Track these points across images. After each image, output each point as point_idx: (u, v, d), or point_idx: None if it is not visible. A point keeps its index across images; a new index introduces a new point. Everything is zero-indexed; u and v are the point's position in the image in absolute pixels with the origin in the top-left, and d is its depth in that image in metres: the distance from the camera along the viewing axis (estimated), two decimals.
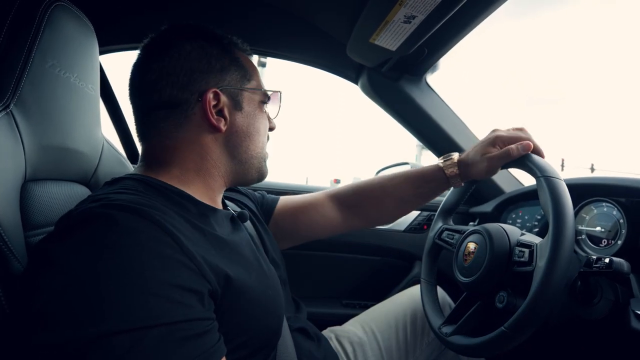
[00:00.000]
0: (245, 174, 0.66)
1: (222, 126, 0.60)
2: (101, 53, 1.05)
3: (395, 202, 0.89)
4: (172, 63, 0.58)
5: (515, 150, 0.72)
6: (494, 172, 0.79)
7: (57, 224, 0.46)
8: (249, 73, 0.64)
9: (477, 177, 0.81)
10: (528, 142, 0.72)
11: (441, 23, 0.74)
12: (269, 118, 0.69)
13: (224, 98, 0.60)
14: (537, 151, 0.73)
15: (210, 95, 0.58)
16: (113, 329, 0.37)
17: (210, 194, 0.62)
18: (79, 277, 0.39)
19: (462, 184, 0.86)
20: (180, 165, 0.59)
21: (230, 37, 0.64)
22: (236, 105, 0.62)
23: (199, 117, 0.59)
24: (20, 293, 0.40)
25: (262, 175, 0.68)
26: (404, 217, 1.35)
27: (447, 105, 1.18)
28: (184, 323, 0.40)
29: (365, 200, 0.91)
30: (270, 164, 0.70)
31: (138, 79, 0.60)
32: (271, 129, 0.71)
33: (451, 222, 0.90)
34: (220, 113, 0.60)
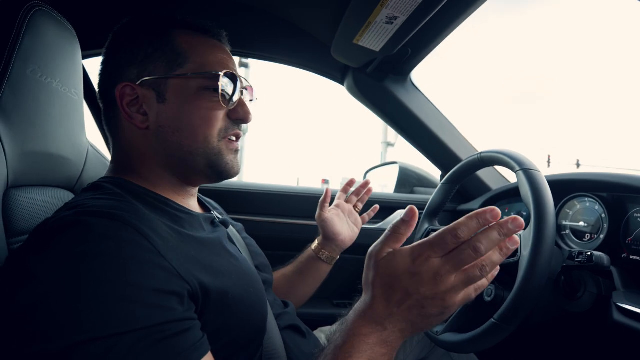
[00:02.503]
0: (195, 172, 0.59)
1: (140, 123, 0.56)
2: (85, 57, 1.04)
3: (301, 289, 0.93)
4: (107, 62, 0.58)
5: (322, 197, 0.87)
6: (327, 222, 0.87)
7: (34, 233, 0.45)
8: (184, 56, 0.56)
9: (325, 235, 0.89)
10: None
11: (423, 23, 0.75)
12: (233, 107, 0.59)
13: (143, 91, 0.55)
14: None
15: (125, 90, 0.55)
16: (89, 337, 0.36)
17: (179, 197, 0.61)
18: (54, 288, 0.38)
19: (334, 255, 0.92)
20: (134, 168, 0.58)
21: (168, 18, 0.59)
22: (159, 97, 0.56)
23: (122, 114, 0.56)
24: None
25: (218, 171, 0.59)
26: (392, 216, 1.35)
27: (432, 104, 1.20)
28: (162, 325, 0.40)
29: (280, 293, 0.91)
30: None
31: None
32: (238, 119, 0.60)
33: (437, 223, 0.91)
34: (141, 109, 0.56)
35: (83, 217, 0.43)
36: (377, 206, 0.98)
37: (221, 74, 0.56)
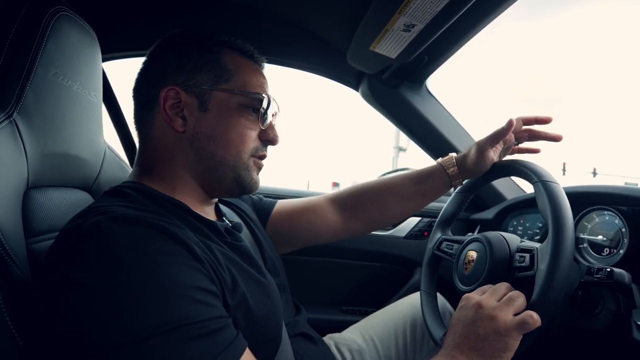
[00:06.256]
0: (220, 183, 0.61)
1: (179, 126, 0.58)
2: (104, 60, 1.06)
3: (396, 201, 0.87)
4: (151, 64, 0.61)
5: (505, 131, 0.75)
6: (487, 161, 0.78)
7: (66, 240, 0.46)
8: (230, 73, 0.60)
9: (471, 167, 0.80)
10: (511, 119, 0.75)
11: (440, 32, 0.75)
12: (265, 128, 0.63)
13: (186, 97, 0.58)
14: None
15: (169, 93, 0.58)
16: (151, 332, 0.39)
17: (197, 204, 0.61)
18: (105, 293, 0.40)
19: (462, 182, 0.85)
20: (159, 171, 0.60)
21: (217, 37, 0.62)
22: (202, 105, 0.59)
23: (162, 115, 0.58)
24: (48, 317, 0.42)
25: (242, 186, 0.62)
26: (404, 224, 1.34)
27: (447, 111, 1.19)
28: (210, 320, 0.43)
29: (365, 200, 0.88)
30: (263, 168, 0.66)
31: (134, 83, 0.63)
32: (267, 140, 0.64)
33: (450, 233, 0.89)
34: (181, 113, 0.58)
35: (118, 224, 0.45)
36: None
37: (264, 97, 0.61)
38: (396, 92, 1.11)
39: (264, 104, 0.61)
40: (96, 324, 0.39)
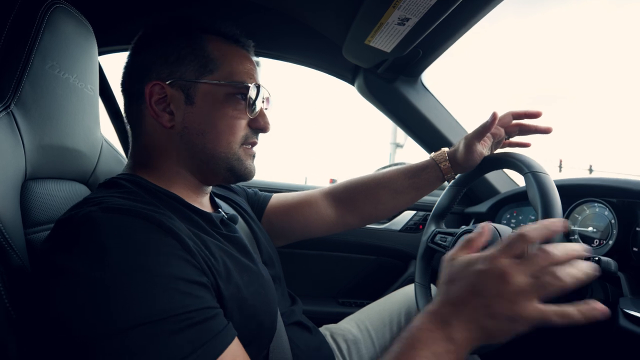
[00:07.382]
0: (215, 174, 0.61)
1: (166, 122, 0.57)
2: (100, 54, 1.06)
3: (389, 194, 0.87)
4: (135, 58, 0.60)
5: (489, 124, 0.74)
6: (475, 155, 0.79)
7: (59, 229, 0.46)
8: (214, 63, 0.58)
9: (461, 162, 0.80)
10: (495, 112, 0.74)
11: (434, 25, 0.75)
12: (255, 116, 0.61)
13: (172, 91, 0.57)
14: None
15: (154, 89, 0.56)
16: (133, 323, 0.39)
17: (192, 196, 0.62)
18: (91, 281, 0.40)
19: (455, 177, 0.86)
20: (153, 164, 0.60)
21: (199, 23, 0.60)
22: (188, 99, 0.57)
23: (149, 111, 0.58)
24: (36, 302, 0.42)
25: (237, 175, 0.62)
26: (399, 217, 1.36)
27: (442, 105, 1.20)
28: (197, 311, 0.42)
29: (359, 195, 0.89)
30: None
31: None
32: (258, 128, 0.63)
33: (443, 226, 0.91)
34: (168, 108, 0.57)
35: (109, 214, 0.45)
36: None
37: (250, 85, 0.59)
38: (391, 86, 1.12)
39: (252, 93, 0.59)
40: (80, 312, 0.39)
